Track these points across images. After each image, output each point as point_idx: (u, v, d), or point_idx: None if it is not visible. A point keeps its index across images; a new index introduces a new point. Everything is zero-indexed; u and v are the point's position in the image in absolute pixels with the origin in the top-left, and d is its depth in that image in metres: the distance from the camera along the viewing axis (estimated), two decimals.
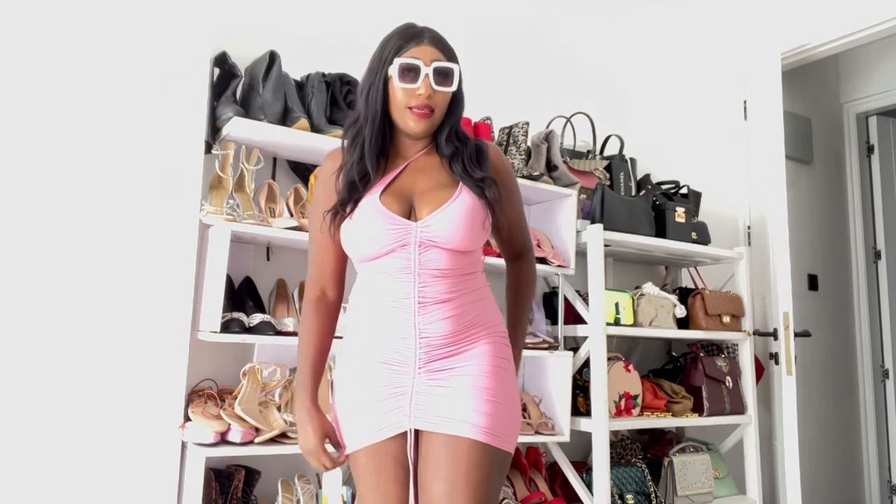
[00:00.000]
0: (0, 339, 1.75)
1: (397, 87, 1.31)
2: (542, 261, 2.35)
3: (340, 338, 1.43)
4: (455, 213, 1.29)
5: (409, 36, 1.34)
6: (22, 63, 1.84)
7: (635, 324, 2.50)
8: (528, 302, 1.54)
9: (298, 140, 2.03)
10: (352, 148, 1.35)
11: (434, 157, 1.39)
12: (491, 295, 1.40)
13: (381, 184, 1.33)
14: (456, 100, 1.38)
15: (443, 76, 1.31)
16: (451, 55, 1.34)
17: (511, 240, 1.49)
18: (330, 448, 1.34)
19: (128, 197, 1.93)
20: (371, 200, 1.31)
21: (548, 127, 2.74)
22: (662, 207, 2.69)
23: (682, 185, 2.88)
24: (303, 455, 1.34)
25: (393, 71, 1.31)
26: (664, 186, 2.87)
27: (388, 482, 1.28)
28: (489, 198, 1.32)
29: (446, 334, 1.28)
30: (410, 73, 1.30)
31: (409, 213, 1.32)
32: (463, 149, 1.37)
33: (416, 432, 1.28)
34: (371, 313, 1.32)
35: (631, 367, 2.51)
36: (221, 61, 2.08)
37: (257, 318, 1.90)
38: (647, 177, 2.91)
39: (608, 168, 2.72)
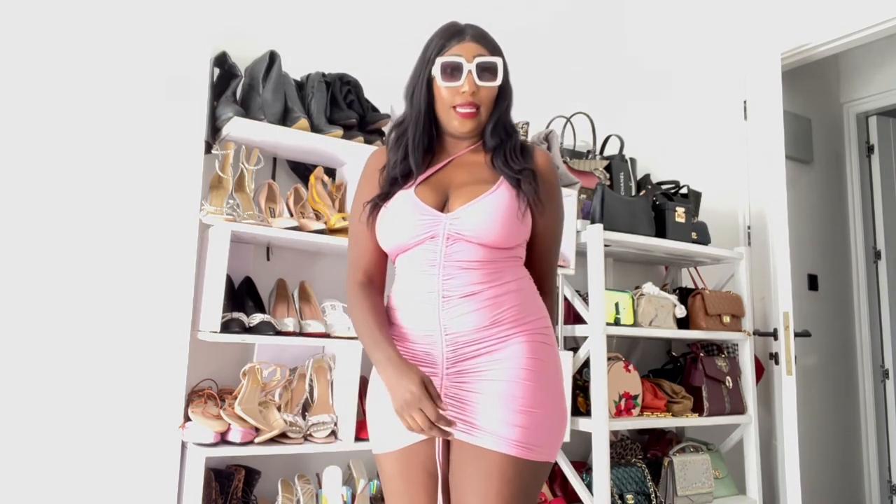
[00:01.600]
0: (0, 339, 1.75)
1: (441, 86, 1.29)
2: None
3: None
4: (488, 208, 1.25)
5: (450, 34, 1.32)
6: (22, 63, 1.84)
7: (635, 324, 2.50)
8: None
9: (298, 140, 2.03)
10: (395, 147, 1.35)
11: (479, 154, 1.37)
12: (529, 286, 1.31)
13: (421, 177, 1.32)
14: (503, 93, 1.35)
15: (486, 71, 1.29)
16: (494, 49, 1.32)
17: (532, 254, 1.36)
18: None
19: (128, 197, 1.93)
20: (406, 192, 1.30)
21: (548, 127, 2.74)
22: (662, 207, 2.68)
23: (682, 185, 2.88)
24: (399, 413, 1.16)
25: (436, 71, 1.29)
26: (664, 186, 2.87)
27: (416, 492, 1.24)
28: (525, 190, 1.27)
29: (471, 330, 1.22)
30: (453, 70, 1.28)
31: (443, 206, 1.29)
32: (507, 141, 1.34)
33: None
34: (401, 309, 1.30)
35: (631, 367, 2.51)
36: (221, 61, 2.08)
37: (257, 318, 1.90)
38: (647, 177, 2.91)
39: (608, 168, 2.72)
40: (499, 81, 1.31)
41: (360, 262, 1.37)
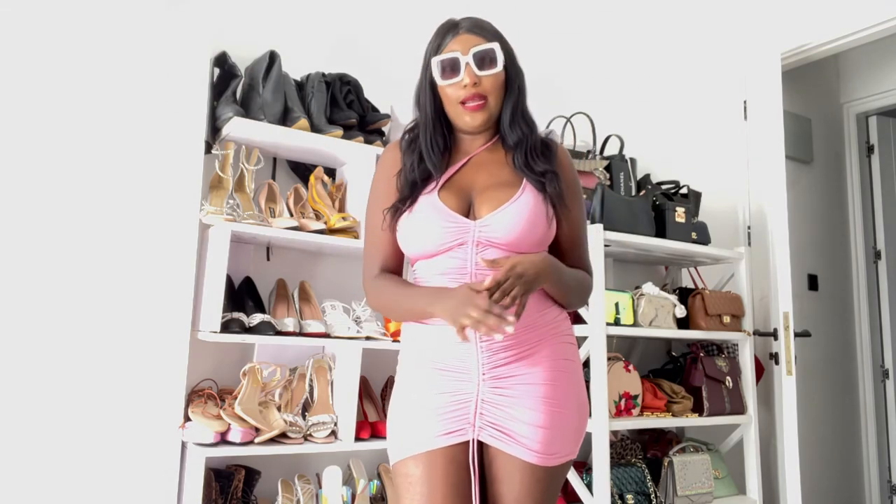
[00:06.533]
0: (0, 339, 1.75)
1: (443, 85, 1.27)
2: None
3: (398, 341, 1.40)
4: (516, 213, 1.23)
5: (445, 31, 1.30)
6: (22, 63, 1.84)
7: (635, 324, 2.50)
8: (573, 282, 1.32)
9: (298, 140, 2.03)
10: (409, 150, 1.32)
11: (498, 151, 1.34)
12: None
13: (441, 180, 1.29)
14: (510, 79, 1.31)
15: (485, 59, 1.25)
16: (491, 36, 1.29)
17: (563, 252, 1.35)
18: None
19: (128, 197, 1.93)
20: (429, 197, 1.27)
21: (548, 127, 2.74)
22: (662, 207, 2.68)
23: (682, 185, 2.88)
24: (455, 318, 1.13)
25: (435, 72, 1.27)
26: (664, 186, 2.86)
27: (443, 494, 1.19)
28: (550, 192, 1.26)
29: (506, 336, 1.19)
30: (451, 67, 1.25)
31: (468, 210, 1.27)
32: (528, 137, 1.31)
33: (479, 441, 1.23)
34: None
35: (631, 367, 2.51)
36: (221, 61, 2.08)
37: (257, 318, 1.90)
38: (647, 177, 2.90)
39: (608, 168, 2.72)
40: (500, 67, 1.27)
41: (376, 262, 1.35)
